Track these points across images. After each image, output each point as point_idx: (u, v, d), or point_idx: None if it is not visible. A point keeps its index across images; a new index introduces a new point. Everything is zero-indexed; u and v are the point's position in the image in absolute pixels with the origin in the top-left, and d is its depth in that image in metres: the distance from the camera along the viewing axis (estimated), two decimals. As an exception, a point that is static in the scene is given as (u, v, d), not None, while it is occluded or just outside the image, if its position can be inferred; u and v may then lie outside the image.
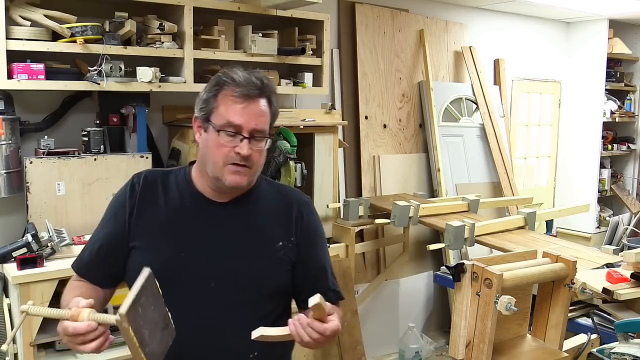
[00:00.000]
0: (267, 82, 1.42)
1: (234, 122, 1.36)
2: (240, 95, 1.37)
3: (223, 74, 1.41)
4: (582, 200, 4.84)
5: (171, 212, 1.43)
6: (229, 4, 2.94)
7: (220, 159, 1.37)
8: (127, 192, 1.45)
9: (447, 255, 4.01)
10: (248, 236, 1.44)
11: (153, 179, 1.47)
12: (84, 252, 1.49)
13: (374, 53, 3.93)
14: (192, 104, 3.21)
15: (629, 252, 2.25)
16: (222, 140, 1.37)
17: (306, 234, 1.51)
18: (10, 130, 2.45)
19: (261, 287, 1.42)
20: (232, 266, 1.40)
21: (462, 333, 1.26)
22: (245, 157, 1.36)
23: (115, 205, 1.47)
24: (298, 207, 1.52)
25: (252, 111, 1.37)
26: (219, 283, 1.39)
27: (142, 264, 1.32)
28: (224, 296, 1.38)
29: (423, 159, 4.24)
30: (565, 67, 5.42)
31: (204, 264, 1.39)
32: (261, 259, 1.44)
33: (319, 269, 1.52)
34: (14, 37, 2.36)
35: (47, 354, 2.38)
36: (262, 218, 1.47)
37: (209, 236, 1.42)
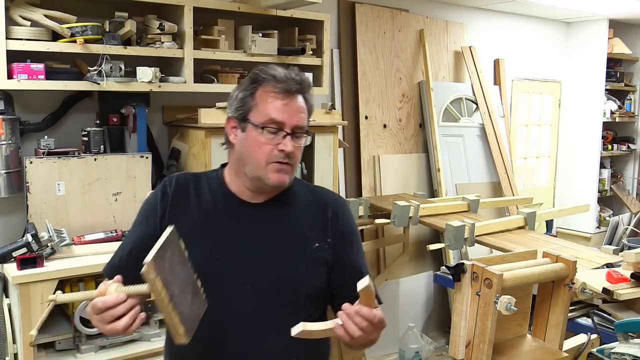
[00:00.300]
0: (305, 78, 1.40)
1: (277, 118, 1.33)
2: (281, 91, 1.34)
3: (260, 71, 1.38)
4: (582, 200, 4.84)
5: (204, 215, 1.40)
6: (229, 4, 2.94)
7: (263, 158, 1.34)
8: (159, 195, 1.43)
9: (447, 255, 4.01)
10: (284, 237, 1.41)
11: (185, 182, 1.45)
12: (115, 257, 1.46)
13: (374, 53, 3.93)
14: (192, 104, 3.22)
15: (629, 252, 2.24)
16: (264, 138, 1.33)
17: (342, 235, 1.47)
18: (10, 130, 2.45)
19: (298, 289, 1.38)
20: (267, 268, 1.37)
21: (462, 333, 1.26)
22: (289, 154, 1.34)
23: (147, 209, 1.44)
24: (333, 208, 1.49)
25: (293, 107, 1.35)
26: (254, 286, 1.35)
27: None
28: (261, 299, 1.34)
29: (423, 159, 4.24)
30: (565, 67, 5.42)
31: (239, 267, 1.36)
32: (297, 261, 1.40)
33: (355, 271, 1.44)
34: (14, 37, 2.36)
35: (47, 354, 2.38)
36: (298, 219, 1.44)
37: (244, 238, 1.38)
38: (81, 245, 2.49)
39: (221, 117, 2.79)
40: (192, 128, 2.86)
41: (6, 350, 2.34)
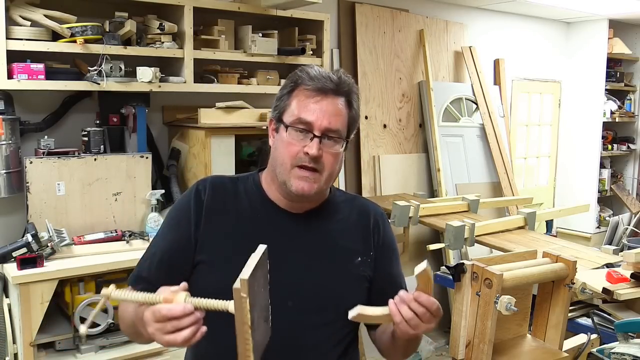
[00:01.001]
0: (347, 80, 1.30)
1: (305, 118, 1.23)
2: (313, 89, 1.25)
3: (299, 70, 1.29)
4: (582, 200, 4.84)
5: (242, 223, 1.30)
6: (229, 4, 2.94)
7: (288, 160, 1.24)
8: (192, 200, 1.31)
9: (447, 255, 4.01)
10: (326, 251, 1.32)
11: (221, 186, 1.34)
12: (142, 265, 1.33)
13: (374, 53, 3.93)
14: (192, 104, 3.23)
15: (629, 252, 2.24)
16: (291, 139, 1.24)
17: (383, 248, 1.39)
18: (10, 130, 2.45)
19: (340, 307, 1.28)
20: (310, 285, 1.28)
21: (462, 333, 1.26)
22: (314, 157, 1.22)
23: (178, 214, 1.32)
24: (375, 219, 1.40)
25: (325, 107, 1.24)
26: (296, 302, 1.26)
27: (212, 280, 1.23)
28: (302, 316, 1.26)
29: (423, 159, 4.24)
30: (565, 67, 5.42)
31: (281, 282, 1.23)
32: (340, 277, 1.32)
33: (394, 285, 1.36)
34: (14, 37, 2.36)
35: (47, 354, 2.38)
36: (340, 231, 1.35)
37: (285, 251, 1.28)
38: (81, 245, 2.49)
39: (221, 117, 2.80)
40: (192, 128, 2.86)
41: (6, 350, 2.34)
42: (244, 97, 2.98)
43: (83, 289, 2.38)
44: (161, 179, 3.00)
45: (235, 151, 2.88)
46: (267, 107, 3.04)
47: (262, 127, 2.92)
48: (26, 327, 2.23)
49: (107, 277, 2.43)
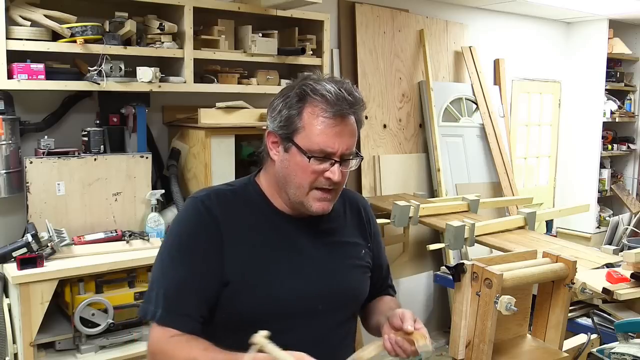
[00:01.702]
0: (359, 97, 1.27)
1: (327, 149, 1.22)
2: (332, 116, 1.21)
3: (308, 88, 1.24)
4: (582, 200, 4.84)
5: (259, 235, 1.29)
6: (229, 4, 2.94)
7: (307, 184, 1.25)
8: (205, 218, 1.25)
9: (447, 255, 4.01)
10: (338, 249, 1.37)
11: (227, 201, 1.30)
12: (181, 304, 1.21)
13: (374, 53, 3.93)
14: (192, 104, 3.22)
15: (629, 252, 2.24)
16: (311, 167, 1.23)
17: (375, 236, 1.48)
18: (10, 130, 2.45)
19: (357, 299, 1.38)
20: (334, 284, 1.32)
21: (462, 333, 1.26)
22: (335, 182, 1.25)
23: (195, 238, 1.25)
24: (365, 210, 1.47)
25: (344, 132, 1.23)
26: (325, 304, 1.30)
27: (246, 300, 1.23)
28: (330, 317, 1.30)
29: (423, 159, 4.24)
30: (565, 67, 5.42)
31: (307, 288, 1.28)
32: (354, 271, 1.38)
33: (383, 267, 1.50)
34: (14, 37, 2.36)
35: (47, 354, 2.38)
36: (341, 228, 1.40)
37: (303, 257, 1.31)
38: (81, 245, 2.49)
39: (221, 117, 2.80)
40: (192, 128, 2.86)
41: (6, 350, 2.34)
42: (244, 97, 2.98)
43: (83, 289, 2.38)
44: (161, 179, 3.01)
45: (235, 151, 2.88)
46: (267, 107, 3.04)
47: (262, 127, 2.92)
48: (26, 327, 2.23)
49: (107, 277, 2.42)
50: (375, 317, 1.45)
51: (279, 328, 1.13)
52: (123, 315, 2.44)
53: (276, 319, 1.23)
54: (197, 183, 2.84)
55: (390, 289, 1.53)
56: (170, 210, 2.85)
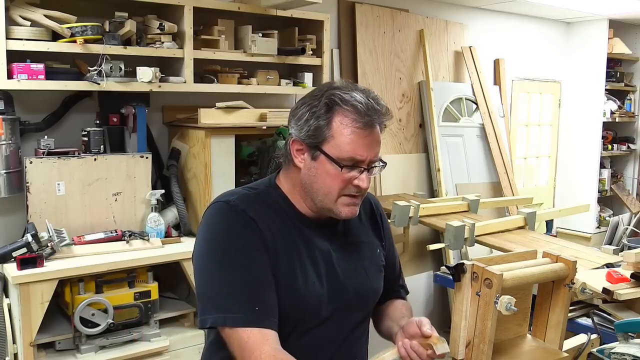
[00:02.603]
0: (386, 106, 1.31)
1: (357, 157, 1.25)
2: (363, 127, 1.25)
3: (335, 96, 1.25)
4: (582, 200, 4.83)
5: (289, 237, 1.32)
6: (229, 4, 2.94)
7: (336, 192, 1.28)
8: (246, 222, 1.26)
9: (447, 255, 4.01)
10: (356, 250, 1.41)
11: (257, 203, 1.31)
12: (258, 304, 1.22)
13: (374, 53, 3.93)
14: (192, 104, 3.22)
15: (629, 252, 2.25)
16: (342, 175, 1.26)
17: (387, 235, 1.51)
18: (10, 130, 2.45)
19: (373, 299, 1.42)
20: (357, 285, 1.36)
21: (462, 333, 1.26)
22: (364, 189, 1.29)
23: (240, 238, 1.25)
24: (377, 209, 1.50)
25: (373, 141, 1.28)
26: (345, 305, 1.34)
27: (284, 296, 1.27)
28: (349, 317, 1.33)
29: (423, 159, 4.24)
30: (565, 67, 5.42)
31: (333, 288, 1.33)
32: (373, 270, 1.42)
33: (395, 267, 1.54)
34: (14, 37, 2.36)
35: (47, 354, 2.38)
36: (358, 228, 1.44)
37: (328, 258, 1.35)
38: (81, 245, 2.49)
39: (221, 117, 2.80)
40: (192, 128, 2.86)
41: (6, 350, 2.34)
42: (244, 97, 2.98)
43: (83, 289, 2.38)
44: (161, 179, 3.01)
45: (235, 151, 2.88)
46: (267, 107, 3.05)
47: (262, 127, 2.92)
48: (26, 327, 2.23)
49: (107, 277, 2.43)
50: (387, 322, 1.47)
51: (300, 329, 1.20)
52: (123, 315, 2.44)
53: (298, 319, 1.26)
54: (197, 183, 2.84)
55: (402, 289, 1.56)
56: (170, 210, 2.85)
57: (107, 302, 2.38)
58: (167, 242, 2.70)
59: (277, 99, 3.36)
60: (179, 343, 2.60)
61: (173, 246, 2.67)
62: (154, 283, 2.56)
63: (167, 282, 2.79)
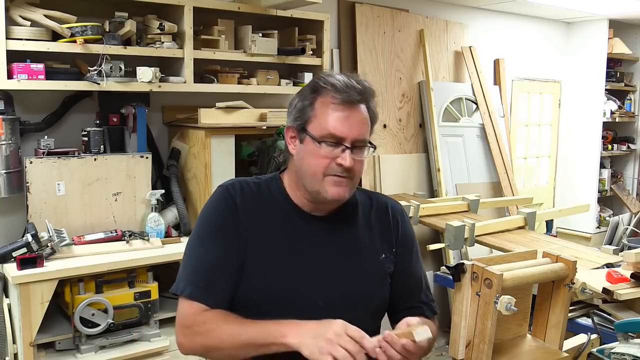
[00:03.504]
0: (368, 86, 1.33)
1: (336, 133, 1.27)
2: (341, 102, 1.28)
3: (319, 80, 1.32)
4: (582, 200, 4.83)
5: (273, 228, 1.34)
6: (229, 4, 2.94)
7: (320, 171, 1.29)
8: (227, 206, 1.34)
9: (447, 255, 4.01)
10: (352, 250, 1.38)
11: (249, 192, 1.37)
12: (204, 280, 1.29)
13: (374, 53, 3.93)
14: (192, 104, 3.23)
15: (629, 252, 2.24)
16: (322, 152, 1.28)
17: (403, 243, 1.45)
18: (10, 130, 2.45)
19: (368, 303, 1.36)
20: (339, 283, 1.34)
21: (462, 333, 1.26)
22: (347, 168, 1.28)
23: (220, 222, 1.33)
24: (394, 215, 1.45)
25: (354, 119, 1.28)
26: (327, 302, 1.32)
27: (252, 285, 1.29)
28: (333, 315, 1.27)
29: (423, 159, 4.24)
30: (565, 67, 5.42)
31: (311, 282, 1.32)
32: (367, 275, 1.38)
33: (414, 281, 1.45)
34: (14, 37, 2.36)
35: (47, 354, 2.38)
36: (363, 230, 1.41)
37: (314, 252, 1.35)
38: (81, 245, 2.49)
39: (221, 117, 2.80)
40: (192, 128, 2.86)
41: (6, 350, 2.34)
42: (244, 97, 2.98)
43: (83, 289, 2.38)
44: (161, 179, 3.01)
45: (235, 151, 2.88)
46: (267, 107, 3.05)
47: (262, 127, 2.92)
48: (26, 327, 2.23)
49: (107, 277, 2.43)
50: None
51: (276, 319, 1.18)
52: (123, 315, 2.44)
53: (273, 310, 1.25)
54: (197, 183, 2.84)
55: (424, 306, 1.45)
56: (170, 210, 2.85)
57: (107, 302, 2.38)
58: (167, 242, 2.70)
59: (277, 99, 3.36)
60: (179, 343, 2.60)
61: (173, 246, 2.67)
62: (154, 283, 2.56)
63: (167, 282, 2.78)
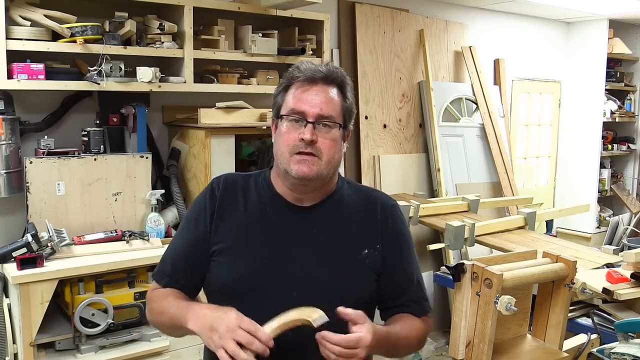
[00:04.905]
0: (336, 71, 1.35)
1: (298, 107, 1.29)
2: (304, 79, 1.31)
3: (292, 67, 1.36)
4: (582, 200, 4.84)
5: (251, 217, 1.36)
6: (229, 4, 2.94)
7: (286, 149, 1.30)
8: (207, 196, 1.39)
9: (447, 255, 4.01)
10: (332, 243, 1.36)
11: (233, 183, 1.41)
12: (165, 263, 1.41)
13: (374, 53, 3.93)
14: (192, 104, 3.23)
15: (629, 252, 2.24)
16: (287, 129, 1.30)
17: (391, 240, 1.40)
18: (10, 130, 2.45)
19: (345, 297, 1.30)
20: (315, 275, 1.31)
21: (462, 333, 1.26)
22: (309, 142, 1.27)
23: (196, 211, 1.40)
24: (383, 211, 1.41)
25: (316, 95, 1.30)
26: (301, 293, 1.29)
27: (225, 270, 1.31)
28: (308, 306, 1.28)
29: (423, 159, 4.24)
30: (565, 67, 5.42)
31: (286, 272, 1.31)
32: (345, 268, 1.34)
33: (404, 278, 1.41)
34: (14, 37, 2.37)
35: (47, 354, 2.38)
36: (346, 223, 1.38)
37: (291, 242, 1.34)
38: (81, 245, 2.49)
39: (221, 117, 2.80)
40: (192, 128, 2.86)
41: (6, 350, 2.34)
42: (244, 97, 2.98)
43: (83, 289, 2.38)
44: (161, 179, 3.01)
45: (235, 151, 2.88)
46: (267, 107, 3.04)
47: (262, 127, 2.92)
48: (26, 327, 2.23)
49: (107, 277, 2.43)
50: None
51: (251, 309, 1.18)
52: (123, 315, 2.44)
53: (246, 297, 1.26)
54: (197, 183, 2.84)
55: (415, 305, 1.42)
56: (170, 210, 2.85)
57: (107, 302, 2.38)
58: (167, 242, 2.69)
59: (277, 99, 3.36)
60: (179, 343, 2.60)
61: (173, 246, 2.67)
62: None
63: (167, 282, 2.78)
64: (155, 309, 1.37)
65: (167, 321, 1.33)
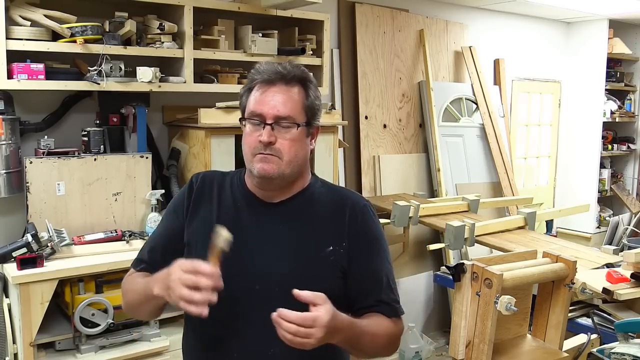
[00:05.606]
0: (294, 70, 1.35)
1: (256, 110, 1.32)
2: (262, 81, 1.34)
3: (252, 69, 1.38)
4: (582, 200, 4.84)
5: (223, 212, 1.41)
6: (229, 4, 2.94)
7: (249, 150, 1.34)
8: (186, 190, 1.46)
9: (447, 255, 4.01)
10: (297, 238, 1.38)
11: (210, 179, 1.47)
12: (143, 251, 1.49)
13: (374, 53, 3.93)
14: (192, 104, 3.22)
15: (629, 252, 2.25)
16: (248, 131, 1.34)
17: (359, 239, 1.39)
18: (10, 130, 2.45)
19: (306, 290, 1.30)
20: (278, 270, 1.34)
21: (462, 333, 1.26)
22: (266, 144, 1.30)
23: (175, 203, 1.48)
24: (352, 211, 1.41)
25: (273, 96, 1.32)
26: (263, 286, 1.33)
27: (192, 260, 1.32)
28: (269, 300, 1.27)
29: (423, 159, 4.24)
30: (565, 67, 5.42)
31: (249, 265, 1.34)
32: (308, 263, 1.36)
33: (371, 278, 1.39)
34: (14, 37, 2.36)
35: (47, 354, 2.38)
36: (313, 220, 1.40)
37: (258, 237, 1.37)
38: (81, 245, 2.49)
39: (221, 117, 2.80)
40: (192, 128, 2.86)
41: (6, 350, 2.34)
42: (244, 97, 2.98)
43: (83, 289, 2.38)
44: (161, 179, 3.01)
45: (235, 151, 2.88)
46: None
47: (262, 127, 2.92)
48: (26, 327, 2.23)
49: (107, 277, 2.42)
50: None
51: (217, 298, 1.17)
52: (123, 315, 2.43)
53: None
54: (197, 183, 2.84)
55: (384, 305, 1.38)
56: (170, 210, 2.85)
57: (107, 302, 2.38)
58: (167, 242, 2.70)
59: (277, 99, 3.36)
60: (179, 343, 2.56)
61: (173, 246, 2.67)
62: (154, 283, 2.55)
63: (167, 282, 2.78)
64: (128, 289, 1.44)
65: (139, 297, 1.37)
